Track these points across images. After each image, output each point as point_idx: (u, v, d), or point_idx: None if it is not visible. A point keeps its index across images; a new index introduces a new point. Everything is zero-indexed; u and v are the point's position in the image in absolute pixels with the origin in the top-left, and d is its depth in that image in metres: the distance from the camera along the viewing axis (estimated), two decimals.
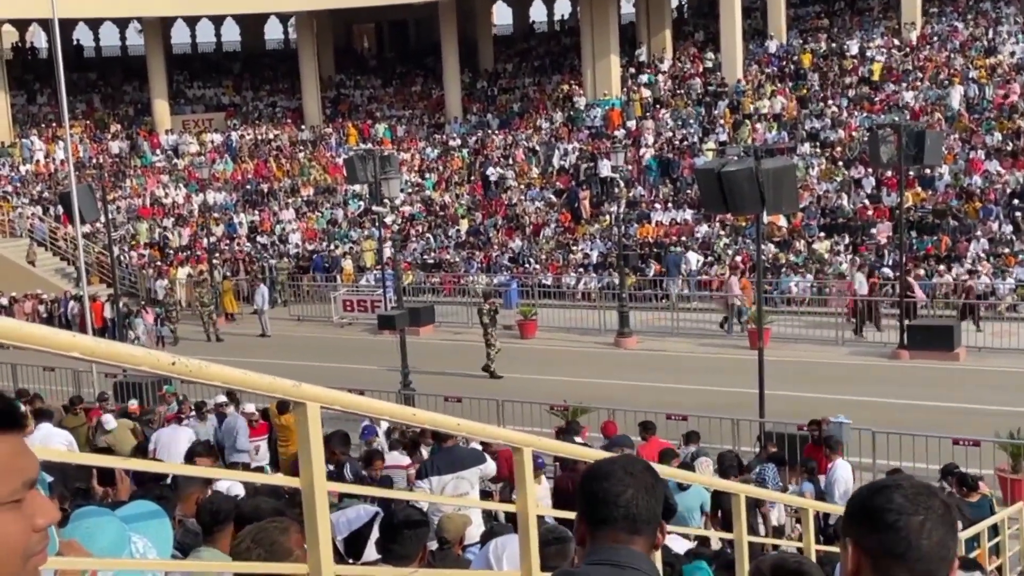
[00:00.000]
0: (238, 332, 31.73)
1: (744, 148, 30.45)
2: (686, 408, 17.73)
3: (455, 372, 24.15)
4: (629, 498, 2.33)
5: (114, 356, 2.46)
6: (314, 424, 3.13)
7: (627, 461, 2.41)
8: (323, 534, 3.10)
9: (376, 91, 52.56)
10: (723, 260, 30.94)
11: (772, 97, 39.42)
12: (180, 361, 2.65)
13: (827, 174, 34.46)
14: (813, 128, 37.39)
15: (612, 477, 2.35)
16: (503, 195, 39.75)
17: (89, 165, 45.62)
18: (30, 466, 1.49)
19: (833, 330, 25.43)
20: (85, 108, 51.93)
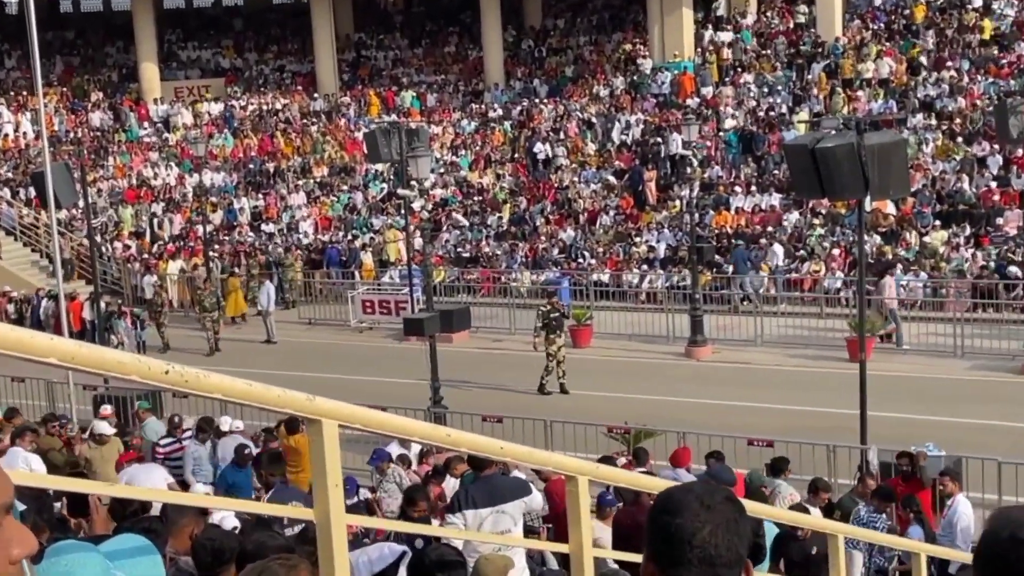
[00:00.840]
0: (239, 338, 32.01)
1: (844, 120, 30.15)
2: (771, 431, 17.61)
3: (495, 386, 24.18)
4: (706, 537, 2.30)
5: (98, 363, 2.50)
6: (331, 445, 3.16)
7: (704, 491, 2.39)
8: (341, 575, 3.13)
9: (402, 53, 52.79)
10: (816, 255, 30.73)
11: (878, 59, 39.02)
12: (175, 370, 2.68)
13: (944, 151, 34.06)
14: (927, 96, 36.95)
15: (686, 511, 2.32)
16: (552, 176, 39.74)
17: (66, 140, 46.28)
18: (5, 489, 1.53)
19: (951, 339, 25.14)
20: (61, 73, 52.71)
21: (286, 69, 53.22)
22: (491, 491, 8.29)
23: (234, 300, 33.60)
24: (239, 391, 2.91)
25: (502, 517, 8.16)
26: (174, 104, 50.01)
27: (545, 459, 4.36)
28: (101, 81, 52.82)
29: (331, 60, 50.49)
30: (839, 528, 6.36)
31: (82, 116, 49.63)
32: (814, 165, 15.81)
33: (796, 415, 20.56)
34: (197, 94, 51.40)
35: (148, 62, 50.59)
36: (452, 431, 3.91)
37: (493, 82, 47.71)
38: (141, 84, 50.70)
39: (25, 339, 2.34)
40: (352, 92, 49.78)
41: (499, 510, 8.15)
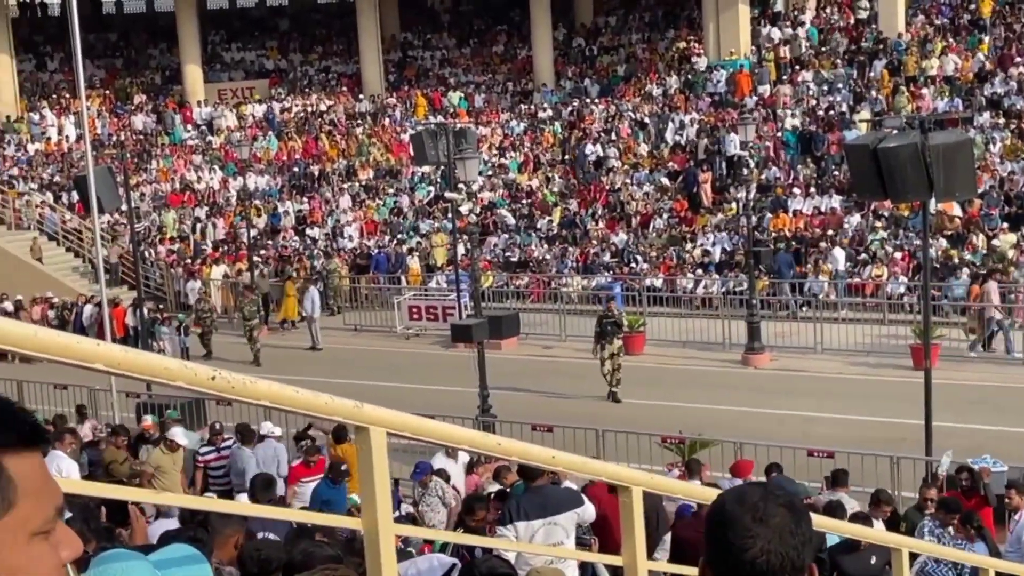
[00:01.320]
0: (284, 344, 32.24)
1: (907, 119, 29.90)
2: (832, 442, 17.48)
3: (545, 394, 24.18)
4: (757, 553, 2.27)
5: (144, 368, 2.53)
6: (379, 453, 3.18)
7: (758, 501, 2.33)
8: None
9: (450, 52, 52.98)
10: (879, 259, 30.48)
11: (942, 55, 38.63)
12: (221, 376, 2.71)
13: (1012, 151, 33.66)
14: (994, 94, 36.53)
15: (736, 525, 2.29)
16: (604, 178, 39.70)
17: (109, 143, 46.84)
18: (58, 490, 1.57)
19: (1019, 346, 24.84)
20: (104, 76, 53.38)
21: (331, 70, 53.58)
22: (543, 502, 8.29)
23: (288, 304, 33.93)
24: (286, 398, 2.94)
25: (554, 529, 8.16)
26: (218, 106, 50.48)
27: (598, 469, 4.36)
28: (144, 83, 53.45)
29: (377, 60, 50.74)
30: (903, 542, 6.30)
31: (125, 119, 50.23)
32: (876, 166, 15.69)
33: (858, 425, 20.39)
34: (241, 96, 51.87)
35: (191, 64, 51.10)
36: (502, 439, 3.92)
37: (542, 82, 47.75)
38: (184, 86, 51.21)
39: (71, 344, 2.38)
40: (398, 93, 50.03)
41: (551, 521, 8.14)
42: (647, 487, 4.26)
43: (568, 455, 4.23)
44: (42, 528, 1.53)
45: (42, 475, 1.55)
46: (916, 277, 27.83)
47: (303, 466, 15.41)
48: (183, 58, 51.36)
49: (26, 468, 1.52)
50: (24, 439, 1.53)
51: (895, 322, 27.63)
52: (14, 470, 1.50)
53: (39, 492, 1.54)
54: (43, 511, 1.54)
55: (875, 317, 28.44)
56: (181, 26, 50.82)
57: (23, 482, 1.51)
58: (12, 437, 1.52)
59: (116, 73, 53.97)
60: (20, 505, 1.50)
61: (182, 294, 36.91)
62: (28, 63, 52.94)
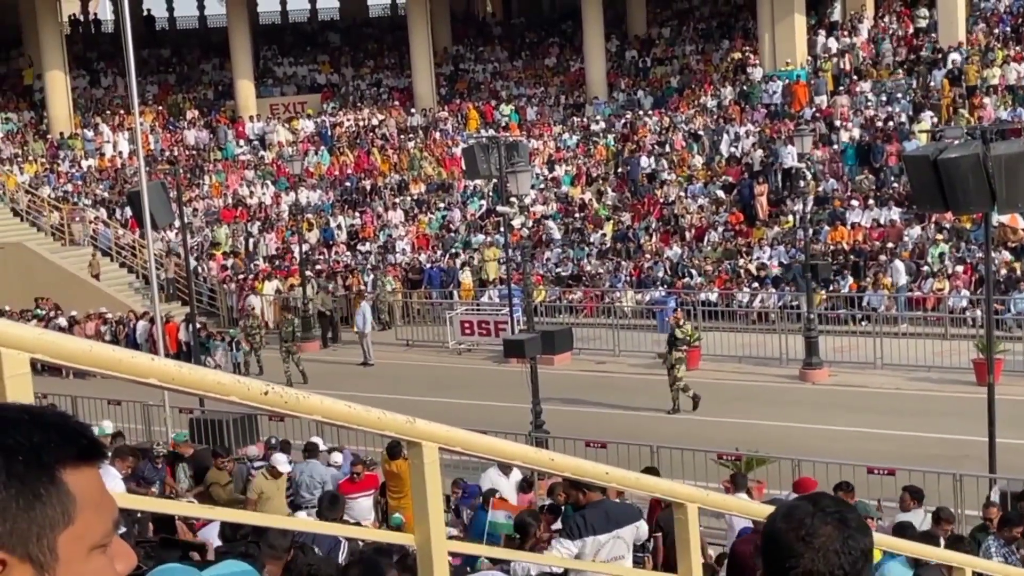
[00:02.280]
0: (336, 360, 32.43)
1: (968, 129, 29.61)
2: (893, 459, 17.31)
3: (599, 409, 24.13)
4: (800, 573, 2.34)
5: (198, 384, 2.57)
6: (431, 468, 3.19)
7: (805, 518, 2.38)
8: None
9: (501, 65, 53.14)
10: (940, 272, 30.16)
11: (1004, 64, 38.21)
12: (274, 390, 2.74)
13: None
14: None
15: (781, 543, 2.36)
16: (658, 191, 39.61)
17: (162, 159, 47.38)
18: (114, 504, 1.60)
19: None
20: (157, 91, 54.02)
21: (383, 84, 53.90)
22: (606, 515, 8.30)
23: None
24: (339, 413, 2.96)
25: (618, 543, 8.18)
26: (270, 121, 50.93)
27: (653, 485, 4.35)
28: (197, 99, 54.03)
29: (428, 74, 50.98)
30: (967, 561, 6.21)
31: (178, 134, 50.79)
32: (936, 177, 15.55)
33: (919, 442, 20.17)
34: (293, 111, 52.31)
35: (244, 79, 51.60)
36: (555, 455, 3.92)
37: (595, 94, 47.76)
38: (237, 101, 51.71)
39: (125, 359, 2.42)
40: (450, 106, 50.23)
41: (616, 535, 8.17)
42: (702, 504, 4.25)
43: (622, 471, 4.22)
44: (101, 541, 1.56)
45: (99, 489, 1.58)
46: (978, 290, 27.51)
47: (349, 481, 15.44)
48: (235, 73, 51.88)
49: (84, 482, 1.55)
50: (83, 454, 1.56)
51: (957, 336, 27.31)
52: (73, 484, 1.53)
53: (97, 506, 1.56)
54: (102, 524, 1.57)
55: (936, 331, 28.12)
56: (233, 41, 51.35)
57: (82, 496, 1.54)
58: (71, 451, 1.54)
59: (169, 89, 54.62)
60: (80, 519, 1.53)
61: (234, 309, 37.25)
62: (82, 79, 53.71)
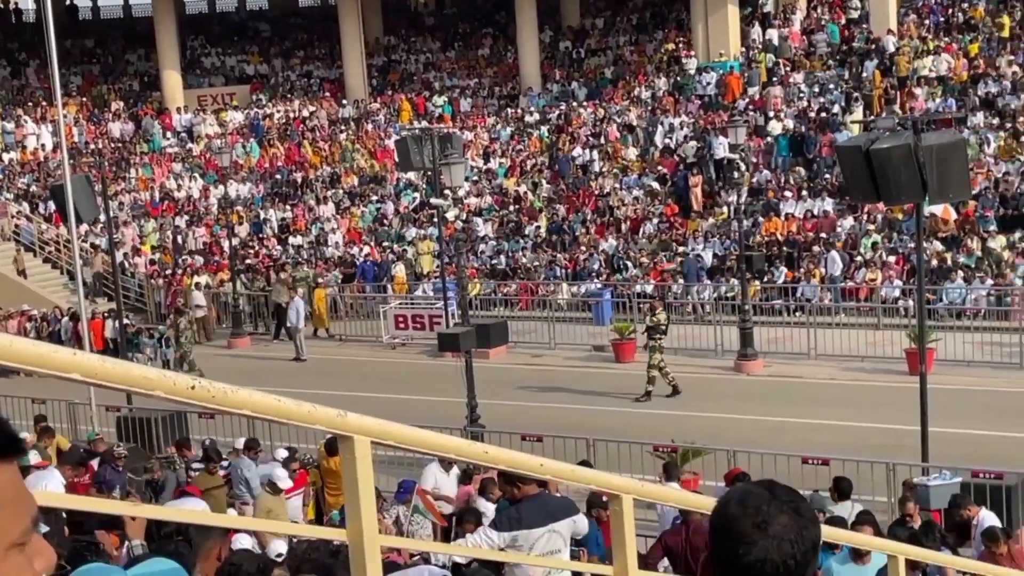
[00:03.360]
0: (267, 356, 32.20)
1: (900, 120, 30.03)
2: (828, 449, 17.51)
3: (534, 403, 24.17)
4: (753, 561, 2.30)
5: (122, 378, 2.52)
6: (363, 463, 3.17)
7: (762, 505, 2.35)
8: None
9: (434, 56, 52.98)
10: (872, 262, 30.54)
11: (935, 55, 38.76)
12: (201, 385, 2.70)
13: (1007, 152, 33.77)
14: (988, 94, 36.66)
15: (735, 530, 2.33)
16: (593, 183, 39.74)
17: (86, 151, 46.74)
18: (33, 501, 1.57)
19: (1016, 349, 24.91)
20: (81, 83, 53.25)
21: (313, 75, 53.52)
22: (542, 509, 8.29)
23: (319, 312, 33.69)
24: (268, 407, 2.93)
25: (554, 536, 8.17)
26: (198, 113, 50.41)
27: (588, 477, 4.35)
28: (122, 90, 53.33)
29: (360, 65, 50.70)
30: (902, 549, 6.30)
31: (103, 127, 50.12)
32: (869, 168, 15.73)
33: (853, 432, 20.43)
34: (221, 102, 51.79)
35: (170, 70, 51.02)
36: (490, 447, 3.92)
37: (529, 85, 47.79)
38: (163, 93, 51.14)
39: (47, 354, 2.37)
40: (382, 98, 50.02)
41: (552, 529, 8.16)
42: (637, 495, 4.26)
43: (557, 463, 4.23)
44: (19, 539, 1.53)
45: (17, 485, 1.55)
46: (911, 281, 27.90)
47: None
48: (161, 64, 51.29)
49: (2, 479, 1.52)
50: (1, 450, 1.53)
51: (890, 326, 27.69)
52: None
53: (15, 502, 1.53)
54: (20, 522, 1.54)
55: (869, 322, 28.51)
56: (159, 31, 50.75)
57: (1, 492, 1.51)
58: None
59: (93, 80, 53.84)
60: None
61: (163, 305, 36.87)
62: (2, 70, 52.82)
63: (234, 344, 33.74)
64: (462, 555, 7.95)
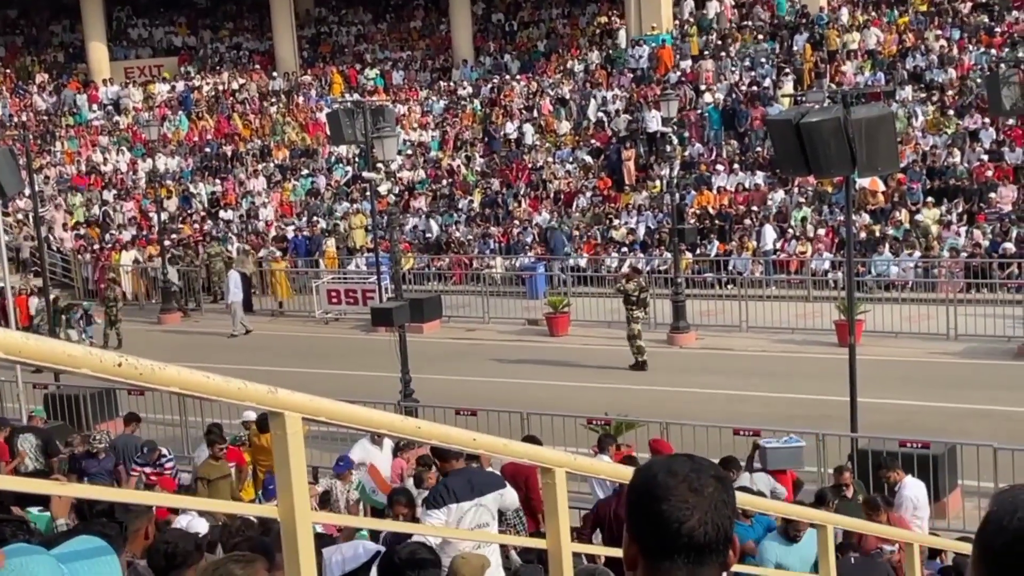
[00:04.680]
0: (196, 331, 31.93)
1: (829, 93, 30.30)
2: (758, 420, 17.70)
3: (469, 377, 24.19)
4: (694, 525, 2.27)
5: (47, 356, 2.49)
6: (294, 439, 3.16)
7: (692, 472, 2.32)
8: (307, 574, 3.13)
9: (366, 28, 52.62)
10: (803, 235, 30.85)
11: (864, 28, 39.14)
12: (128, 362, 2.68)
13: (935, 125, 34.22)
14: (916, 67, 37.10)
15: (673, 497, 2.28)
16: (525, 157, 39.73)
17: (10, 124, 45.93)
18: None
19: (944, 321, 25.32)
20: (4, 54, 52.24)
21: (243, 47, 52.94)
22: (469, 483, 8.32)
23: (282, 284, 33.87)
24: (197, 384, 2.91)
25: (481, 510, 8.21)
26: (125, 85, 49.69)
27: (521, 451, 4.38)
28: (47, 62, 52.43)
29: (290, 37, 50.25)
30: (830, 519, 6.41)
31: (27, 99, 49.27)
32: (799, 141, 15.84)
33: (784, 403, 20.66)
34: (149, 74, 51.10)
35: (96, 41, 50.22)
36: (422, 423, 3.92)
37: (462, 58, 47.62)
38: (89, 65, 50.34)
39: None
40: (313, 70, 49.59)
41: (479, 503, 8.19)
42: (570, 468, 4.29)
43: (490, 437, 4.24)
44: None
45: None
46: (840, 253, 28.22)
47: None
48: (87, 35, 50.48)
49: None
50: None
51: (819, 299, 27.97)
52: None
53: None
54: None
55: (800, 294, 28.80)
56: (84, 2, 49.89)
57: None
58: None
59: (17, 51, 52.87)
60: None
61: (89, 281, 36.41)
62: None
63: (164, 320, 33.38)
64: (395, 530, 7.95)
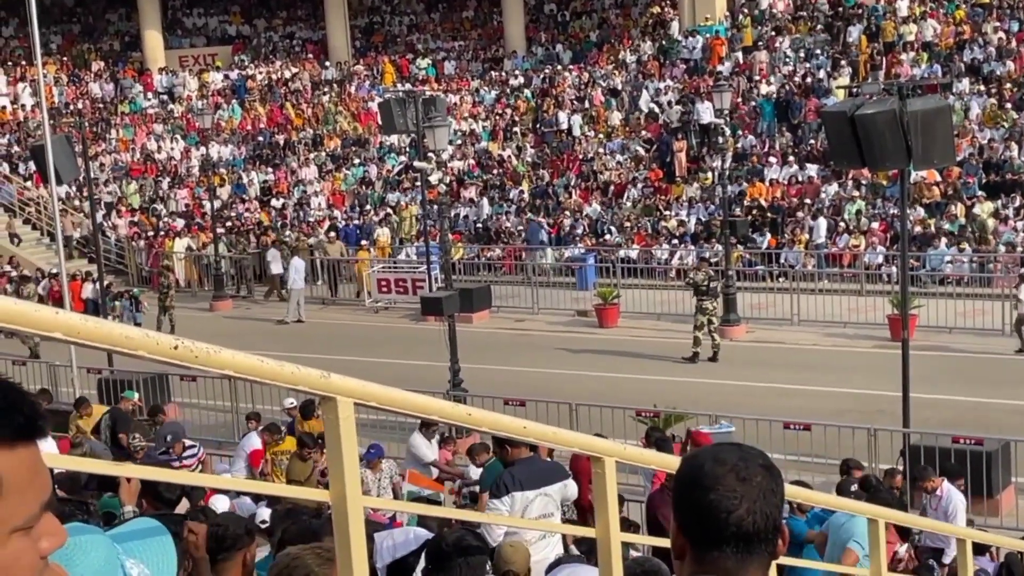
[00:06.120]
0: (248, 318, 32.16)
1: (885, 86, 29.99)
2: (809, 414, 17.59)
3: (517, 367, 24.22)
4: (743, 514, 2.26)
5: (104, 337, 2.51)
6: (346, 424, 3.17)
7: (740, 461, 2.31)
8: (358, 561, 3.15)
9: (418, 18, 52.70)
10: (856, 228, 30.62)
11: (921, 20, 38.73)
12: (184, 345, 2.70)
13: (992, 118, 33.83)
14: (974, 60, 36.68)
15: (720, 487, 2.27)
16: (577, 148, 39.67)
17: (66, 112, 46.42)
18: (47, 483, 1.55)
19: (999, 316, 25.04)
20: (61, 42, 52.81)
21: (296, 36, 53.19)
22: (534, 473, 8.32)
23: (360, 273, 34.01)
24: (251, 367, 2.93)
25: (547, 500, 8.21)
26: (179, 74, 50.08)
27: (570, 439, 4.37)
28: (102, 50, 52.95)
29: (343, 26, 50.43)
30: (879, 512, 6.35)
31: (83, 87, 49.78)
32: (853, 133, 15.71)
33: (835, 397, 20.54)
34: (203, 63, 51.47)
35: (151, 30, 50.64)
36: (473, 410, 3.92)
37: (513, 48, 47.60)
38: (144, 53, 50.78)
39: (29, 312, 2.36)
40: (365, 60, 49.75)
41: (544, 492, 8.19)
42: (620, 458, 4.28)
43: (540, 426, 4.24)
44: (24, 525, 1.50)
45: (31, 470, 1.51)
46: (894, 247, 27.97)
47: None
48: (143, 23, 50.90)
49: (15, 463, 1.48)
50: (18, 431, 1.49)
51: (872, 293, 27.78)
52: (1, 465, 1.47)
53: (25, 488, 1.50)
54: (27, 507, 1.51)
55: (852, 288, 28.60)
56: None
57: (9, 478, 1.48)
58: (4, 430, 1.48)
59: (73, 39, 53.41)
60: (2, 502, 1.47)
61: (143, 267, 36.77)
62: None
63: (216, 307, 33.66)
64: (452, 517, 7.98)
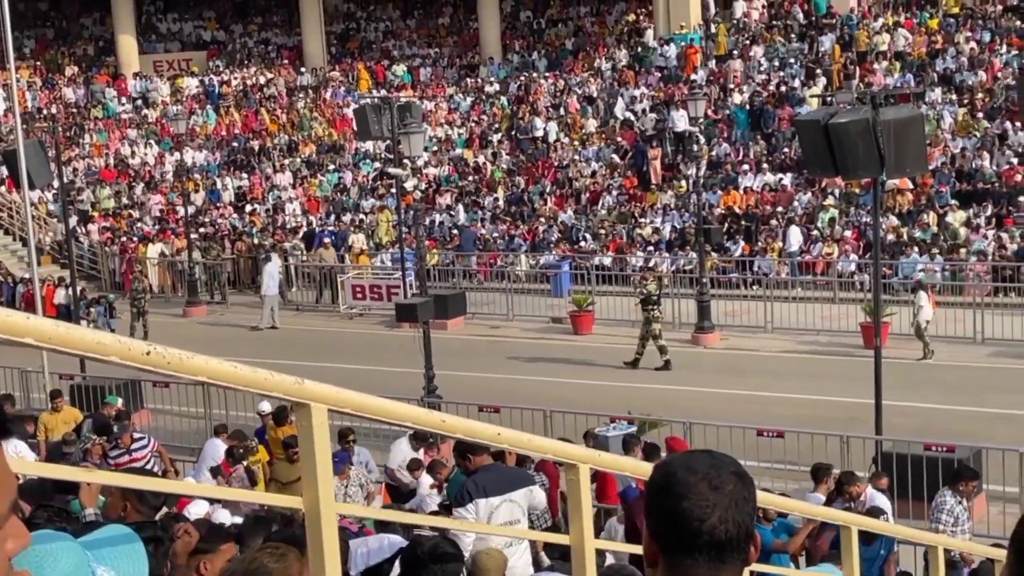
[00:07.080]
0: (222, 323, 32.04)
1: (858, 95, 30.17)
2: (782, 422, 17.64)
3: (492, 374, 24.20)
4: (715, 523, 2.23)
5: (76, 343, 2.50)
6: (320, 431, 3.17)
7: (711, 469, 2.29)
8: (331, 566, 3.14)
9: (394, 24, 52.66)
10: (829, 237, 30.73)
11: (894, 30, 38.95)
12: (156, 351, 2.69)
13: (964, 128, 34.03)
14: (947, 69, 36.90)
15: (693, 495, 2.25)
16: (552, 155, 39.70)
17: (39, 117, 46.18)
18: (12, 485, 1.52)
19: (971, 324, 25.17)
20: (35, 46, 52.52)
21: (271, 42, 53.08)
22: (499, 479, 8.31)
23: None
24: (225, 374, 2.92)
25: (512, 506, 8.20)
26: (153, 79, 49.89)
27: (544, 446, 4.37)
28: (76, 55, 52.69)
29: (319, 32, 50.36)
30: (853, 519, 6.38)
31: (56, 92, 49.55)
32: (827, 142, 15.79)
33: (808, 404, 20.61)
34: (177, 68, 51.29)
35: (126, 35, 50.45)
36: (447, 416, 3.92)
37: (489, 55, 47.62)
38: (118, 58, 50.57)
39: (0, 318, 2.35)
40: (341, 66, 49.68)
41: (508, 498, 8.18)
42: (594, 464, 4.29)
43: (514, 432, 4.25)
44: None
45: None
46: (867, 255, 28.09)
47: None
48: (117, 28, 50.69)
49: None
50: None
51: (845, 300, 27.86)
52: None
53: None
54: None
55: (825, 296, 28.69)
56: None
57: None
58: None
59: (47, 44, 53.16)
60: None
61: (116, 273, 36.59)
62: None
63: (190, 313, 33.52)
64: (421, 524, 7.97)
